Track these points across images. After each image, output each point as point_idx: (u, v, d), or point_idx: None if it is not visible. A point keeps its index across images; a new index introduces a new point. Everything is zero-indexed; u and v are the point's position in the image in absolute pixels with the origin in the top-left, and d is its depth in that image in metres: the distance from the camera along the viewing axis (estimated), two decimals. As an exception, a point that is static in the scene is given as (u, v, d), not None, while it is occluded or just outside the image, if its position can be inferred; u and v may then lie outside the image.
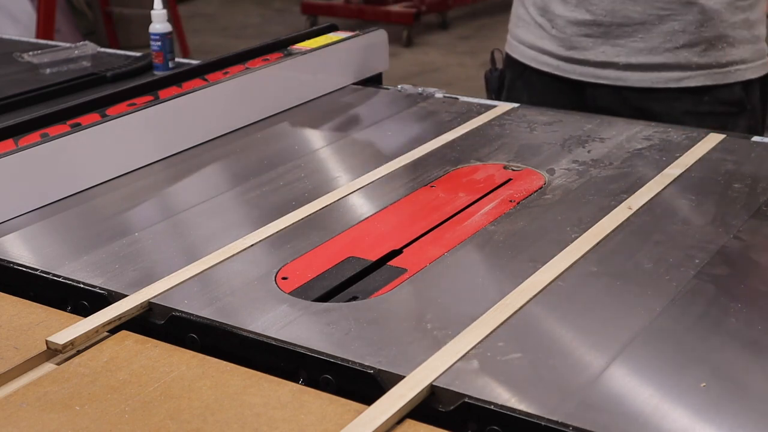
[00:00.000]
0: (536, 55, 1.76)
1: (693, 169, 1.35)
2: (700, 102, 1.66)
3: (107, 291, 1.07)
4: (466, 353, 0.92)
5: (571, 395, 0.86)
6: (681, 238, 1.17)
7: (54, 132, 1.37)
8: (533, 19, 1.75)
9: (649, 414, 0.84)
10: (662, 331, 0.96)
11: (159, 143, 1.47)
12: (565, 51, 1.71)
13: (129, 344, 0.99)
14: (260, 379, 0.92)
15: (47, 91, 1.76)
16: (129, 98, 1.52)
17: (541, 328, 0.98)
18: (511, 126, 1.55)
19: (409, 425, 0.85)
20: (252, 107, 1.60)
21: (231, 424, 0.86)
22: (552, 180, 1.33)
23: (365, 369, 0.91)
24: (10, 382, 0.94)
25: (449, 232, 1.19)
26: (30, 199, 1.30)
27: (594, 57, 1.68)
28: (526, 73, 1.79)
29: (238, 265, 1.13)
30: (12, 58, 2.00)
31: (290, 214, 1.25)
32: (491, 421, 0.85)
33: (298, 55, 1.71)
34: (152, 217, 1.30)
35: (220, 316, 1.01)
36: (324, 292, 1.06)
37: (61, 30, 4.77)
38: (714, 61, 1.64)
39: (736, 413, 0.84)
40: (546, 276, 1.06)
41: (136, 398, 0.89)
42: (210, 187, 1.39)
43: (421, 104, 1.68)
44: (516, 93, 1.80)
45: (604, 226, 1.18)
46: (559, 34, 1.71)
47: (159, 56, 1.65)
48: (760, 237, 1.16)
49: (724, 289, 1.04)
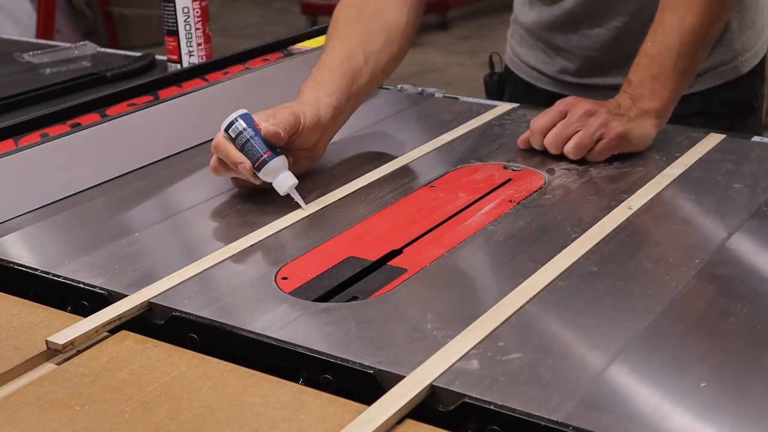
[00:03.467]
0: (539, 75, 1.75)
1: (693, 169, 1.35)
2: (710, 103, 1.65)
3: (107, 291, 1.07)
4: (466, 353, 0.92)
5: (571, 395, 0.86)
6: (681, 238, 1.17)
7: (54, 132, 1.37)
8: (536, 45, 1.74)
9: (649, 414, 0.84)
10: (662, 330, 0.96)
11: (159, 143, 1.47)
12: (569, 77, 1.70)
13: (129, 344, 0.99)
14: (260, 379, 0.92)
15: (47, 91, 1.76)
16: (129, 98, 1.52)
17: (541, 328, 0.98)
18: (511, 126, 1.55)
19: (409, 425, 0.85)
20: (252, 107, 1.60)
21: (231, 424, 0.86)
22: (552, 180, 1.33)
23: (365, 369, 0.91)
24: (10, 382, 0.94)
25: (449, 232, 1.19)
26: (30, 199, 1.30)
27: (602, 82, 1.66)
28: (531, 89, 1.78)
29: (238, 265, 1.13)
30: (12, 58, 2.00)
31: (290, 214, 1.25)
32: (491, 421, 0.85)
33: (298, 55, 1.71)
34: (152, 217, 1.30)
35: (220, 316, 1.01)
36: (324, 292, 1.06)
37: (61, 30, 4.77)
38: (719, 60, 1.63)
39: (736, 413, 0.84)
40: (546, 276, 1.06)
41: (136, 398, 0.89)
42: (210, 187, 1.39)
43: (421, 104, 1.68)
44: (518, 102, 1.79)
45: (604, 226, 1.18)
46: (563, 61, 1.70)
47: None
48: (760, 237, 1.16)
49: (724, 289, 1.04)
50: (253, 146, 1.23)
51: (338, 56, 1.40)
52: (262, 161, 1.24)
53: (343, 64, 1.39)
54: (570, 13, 1.64)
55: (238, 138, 1.24)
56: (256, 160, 1.24)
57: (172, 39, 1.80)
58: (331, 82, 1.37)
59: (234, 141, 1.25)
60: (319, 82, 1.37)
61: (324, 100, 1.34)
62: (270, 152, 1.24)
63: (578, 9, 1.63)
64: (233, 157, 1.25)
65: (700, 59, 1.44)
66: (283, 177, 1.25)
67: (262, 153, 1.23)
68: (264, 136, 1.24)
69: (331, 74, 1.38)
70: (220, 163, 1.27)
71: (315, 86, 1.36)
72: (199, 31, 1.79)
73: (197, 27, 1.79)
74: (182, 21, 1.78)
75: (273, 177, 1.25)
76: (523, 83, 1.79)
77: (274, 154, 1.24)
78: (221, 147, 1.25)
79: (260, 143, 1.24)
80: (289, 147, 1.29)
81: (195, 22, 1.78)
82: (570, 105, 1.39)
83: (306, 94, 1.35)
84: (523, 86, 1.79)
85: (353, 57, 1.41)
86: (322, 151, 1.37)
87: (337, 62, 1.39)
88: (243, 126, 1.24)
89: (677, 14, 1.39)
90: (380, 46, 1.45)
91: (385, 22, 1.47)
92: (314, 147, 1.34)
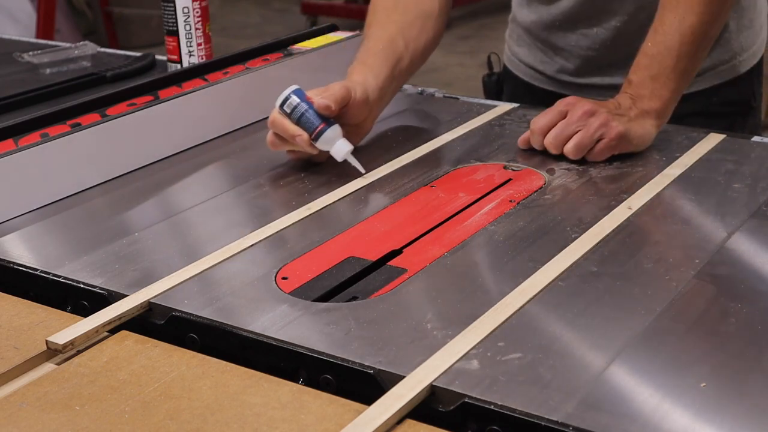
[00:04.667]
0: (538, 75, 1.75)
1: (693, 169, 1.35)
2: (709, 103, 1.65)
3: (107, 291, 1.07)
4: (466, 353, 0.92)
5: (571, 395, 0.86)
6: (681, 238, 1.17)
7: (54, 132, 1.37)
8: (534, 44, 1.74)
9: (649, 414, 0.84)
10: (662, 330, 0.96)
11: (159, 143, 1.47)
12: (568, 77, 1.70)
13: (129, 344, 0.99)
14: (260, 379, 0.92)
15: (47, 91, 1.76)
16: (129, 98, 1.52)
17: (541, 328, 0.98)
18: (511, 126, 1.55)
19: (409, 425, 0.85)
20: (252, 107, 1.60)
21: (231, 424, 0.86)
22: (552, 180, 1.33)
23: (365, 369, 0.91)
24: (10, 382, 0.94)
25: (449, 232, 1.19)
26: (30, 199, 1.30)
27: (600, 81, 1.66)
28: (529, 88, 1.78)
29: (238, 265, 1.13)
30: (12, 58, 2.00)
31: (290, 214, 1.25)
32: (491, 421, 0.85)
33: (298, 55, 1.71)
34: (152, 217, 1.30)
35: (220, 316, 1.01)
36: (324, 292, 1.06)
37: (61, 30, 4.77)
38: (717, 60, 1.63)
39: (736, 413, 0.84)
40: (546, 276, 1.06)
41: (136, 398, 0.89)
42: (210, 187, 1.39)
43: (421, 104, 1.68)
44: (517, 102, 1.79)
45: (604, 226, 1.18)
46: (562, 61, 1.70)
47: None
48: (760, 237, 1.16)
49: (724, 289, 1.04)
50: (309, 119, 1.32)
51: (380, 42, 1.50)
52: (318, 132, 1.33)
53: (386, 49, 1.49)
54: (568, 13, 1.64)
55: (293, 112, 1.33)
56: (313, 131, 1.33)
57: (172, 39, 1.80)
58: (377, 65, 1.46)
59: (289, 116, 1.33)
60: (366, 64, 1.46)
61: (371, 81, 1.43)
62: (324, 123, 1.33)
63: (576, 9, 1.63)
64: (291, 130, 1.33)
65: (699, 59, 1.44)
66: (339, 144, 1.34)
67: (318, 124, 1.32)
68: (316, 109, 1.33)
69: (375, 57, 1.47)
70: (277, 138, 1.36)
71: (362, 68, 1.46)
72: (199, 31, 1.79)
73: (197, 27, 1.79)
74: (182, 21, 1.78)
75: (330, 145, 1.34)
76: (522, 83, 1.79)
77: (329, 125, 1.33)
78: (277, 122, 1.35)
79: (314, 116, 1.33)
80: (340, 121, 1.37)
81: (195, 22, 1.79)
82: (570, 105, 1.39)
83: (354, 75, 1.44)
84: (521, 86, 1.79)
85: (394, 43, 1.50)
86: (369, 127, 1.46)
87: (380, 47, 1.49)
88: (297, 101, 1.33)
89: (677, 14, 1.40)
90: (417, 32, 1.54)
91: (420, 10, 1.56)
92: (362, 123, 1.43)
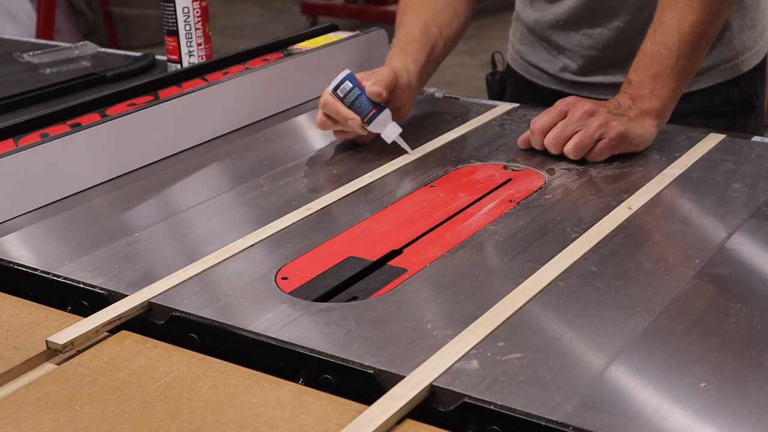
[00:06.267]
0: (541, 74, 1.75)
1: (693, 169, 1.35)
2: (710, 102, 1.65)
3: (107, 291, 1.07)
4: (466, 353, 0.92)
5: (571, 395, 0.86)
6: (681, 238, 1.17)
7: (54, 132, 1.37)
8: (538, 43, 1.74)
9: (649, 414, 0.84)
10: (662, 330, 0.96)
11: (159, 143, 1.47)
12: (571, 75, 1.70)
13: (129, 344, 0.99)
14: (260, 379, 0.92)
15: (47, 91, 1.76)
16: (129, 98, 1.52)
17: (541, 328, 0.98)
18: (511, 126, 1.55)
19: (409, 425, 0.85)
20: (252, 107, 1.60)
21: (231, 424, 0.86)
22: (552, 180, 1.33)
23: (365, 369, 0.91)
24: (10, 382, 0.94)
25: (449, 232, 1.19)
26: (30, 199, 1.30)
27: (604, 80, 1.66)
28: (532, 87, 1.77)
29: (238, 265, 1.13)
30: (12, 58, 2.00)
31: (290, 214, 1.25)
32: (491, 421, 0.85)
33: (298, 55, 1.71)
34: (152, 217, 1.30)
35: (220, 316, 1.01)
36: (324, 292, 1.06)
37: (61, 30, 4.77)
38: (719, 58, 1.63)
39: (736, 413, 0.84)
40: (546, 276, 1.06)
41: (136, 398, 0.89)
42: (210, 187, 1.39)
43: (421, 104, 1.68)
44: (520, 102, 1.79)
45: (604, 226, 1.18)
46: (565, 60, 1.69)
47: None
48: (760, 237, 1.16)
49: (724, 289, 1.04)
50: (362, 103, 1.40)
51: (416, 29, 1.57)
52: (371, 116, 1.41)
53: (422, 35, 1.56)
54: (571, 13, 1.64)
55: (347, 96, 1.40)
56: (365, 115, 1.41)
57: (172, 39, 1.80)
58: (415, 51, 1.53)
59: (342, 99, 1.40)
60: (405, 51, 1.53)
61: (411, 67, 1.50)
62: (376, 108, 1.41)
63: (580, 8, 1.63)
64: (344, 113, 1.41)
65: (699, 58, 1.44)
66: (390, 127, 1.43)
67: (371, 109, 1.40)
68: (368, 95, 1.40)
69: (413, 44, 1.54)
70: (328, 119, 1.43)
71: (402, 55, 1.52)
72: (199, 31, 1.79)
73: (197, 27, 1.79)
74: (182, 21, 1.78)
75: (382, 128, 1.42)
76: (525, 81, 1.79)
77: (380, 109, 1.41)
78: (330, 105, 1.42)
79: (367, 100, 1.40)
80: (385, 105, 1.43)
81: (195, 22, 1.78)
82: (570, 105, 1.39)
83: (395, 61, 1.51)
84: (524, 84, 1.79)
85: (429, 29, 1.57)
86: (408, 110, 1.52)
87: (416, 33, 1.56)
88: (350, 86, 1.40)
89: (676, 13, 1.40)
90: (449, 18, 1.61)
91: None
92: (403, 106, 1.49)
